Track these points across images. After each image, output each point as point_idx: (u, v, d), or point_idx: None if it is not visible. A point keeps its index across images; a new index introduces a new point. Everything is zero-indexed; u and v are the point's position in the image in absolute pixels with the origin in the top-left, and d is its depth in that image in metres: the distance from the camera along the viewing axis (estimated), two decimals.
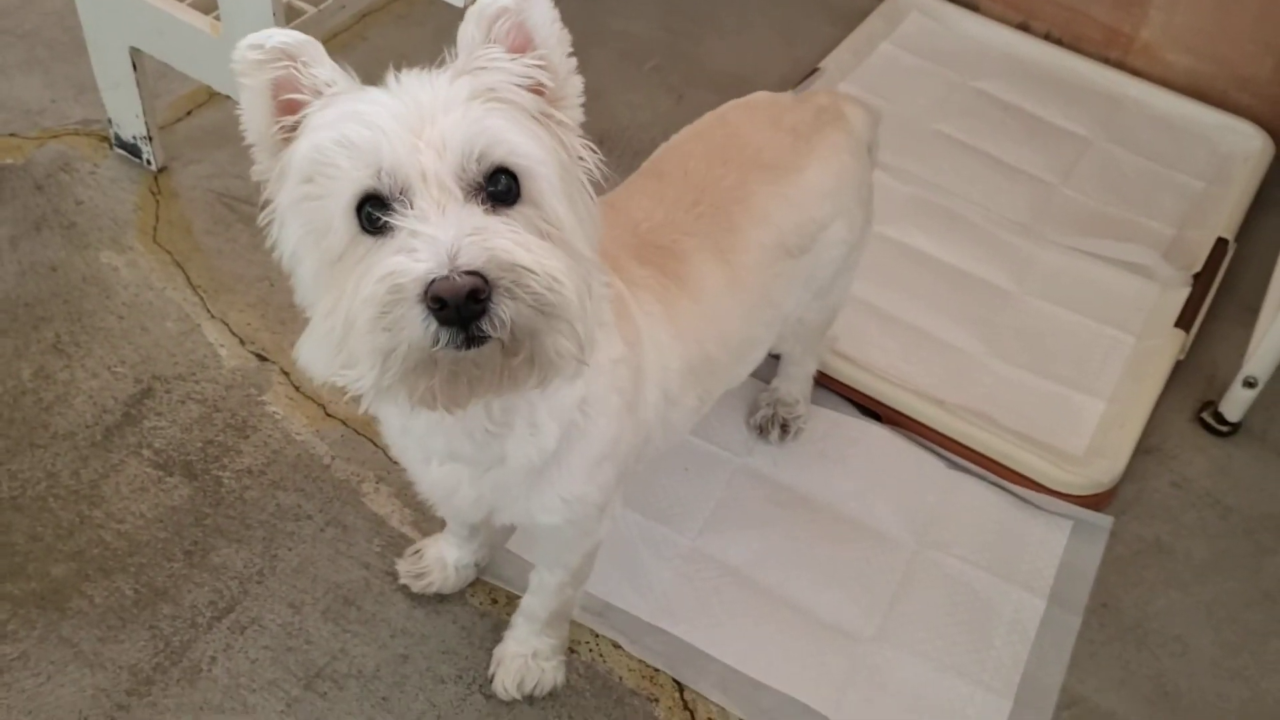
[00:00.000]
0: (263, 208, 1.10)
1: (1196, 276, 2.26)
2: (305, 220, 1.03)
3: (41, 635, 1.62)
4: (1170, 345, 2.13)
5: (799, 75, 2.60)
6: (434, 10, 2.28)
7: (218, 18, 1.92)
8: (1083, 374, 2.11)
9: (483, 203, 0.99)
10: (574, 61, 1.10)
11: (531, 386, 1.05)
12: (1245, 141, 2.60)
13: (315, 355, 1.04)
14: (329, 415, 1.92)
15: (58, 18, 2.52)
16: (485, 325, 0.94)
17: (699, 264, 1.43)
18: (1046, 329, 2.18)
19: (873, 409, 2.02)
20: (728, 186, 1.48)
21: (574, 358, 1.02)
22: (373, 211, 0.98)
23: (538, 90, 1.07)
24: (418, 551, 1.73)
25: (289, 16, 1.98)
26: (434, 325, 0.94)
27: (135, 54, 2.07)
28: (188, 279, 2.08)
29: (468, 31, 1.05)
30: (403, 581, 1.71)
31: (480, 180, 0.99)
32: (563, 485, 1.29)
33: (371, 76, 2.61)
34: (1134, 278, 2.29)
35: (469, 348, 0.96)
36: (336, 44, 2.55)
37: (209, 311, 2.04)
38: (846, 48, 2.67)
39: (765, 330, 1.58)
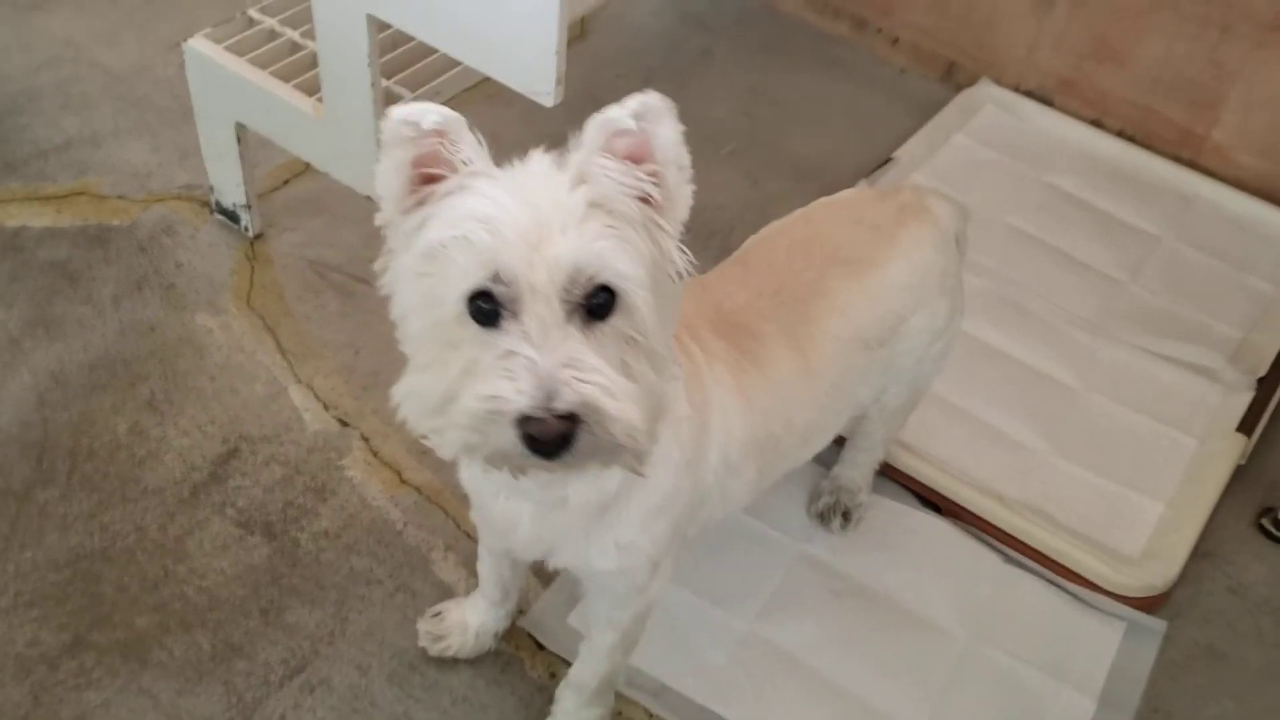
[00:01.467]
0: (384, 253, 1.19)
1: (1261, 381, 2.28)
2: (419, 291, 1.12)
3: (123, 685, 1.71)
4: (1231, 449, 2.14)
5: (873, 163, 2.66)
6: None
7: (320, 99, 2.02)
8: (1142, 474, 2.13)
9: (581, 317, 1.08)
10: (689, 173, 1.17)
11: (593, 471, 1.18)
12: None
13: (411, 406, 1.15)
14: (404, 482, 1.99)
15: (168, 86, 2.65)
16: (565, 455, 1.05)
17: (773, 347, 1.50)
18: (1108, 427, 2.21)
19: (933, 500, 2.06)
20: (808, 280, 1.56)
21: (634, 471, 1.15)
22: (483, 305, 1.08)
23: (645, 199, 1.14)
24: (439, 614, 1.79)
25: (387, 100, 2.07)
26: (522, 447, 1.05)
27: (240, 129, 2.19)
28: (277, 343, 2.18)
29: (590, 134, 1.12)
30: (421, 643, 1.77)
31: (581, 299, 1.08)
32: (619, 531, 1.36)
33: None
34: (1198, 379, 2.30)
35: (548, 462, 1.07)
36: None
37: (296, 376, 2.13)
38: (921, 139, 2.72)
39: (834, 418, 1.65)
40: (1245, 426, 2.19)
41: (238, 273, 2.29)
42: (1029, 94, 2.90)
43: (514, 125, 2.61)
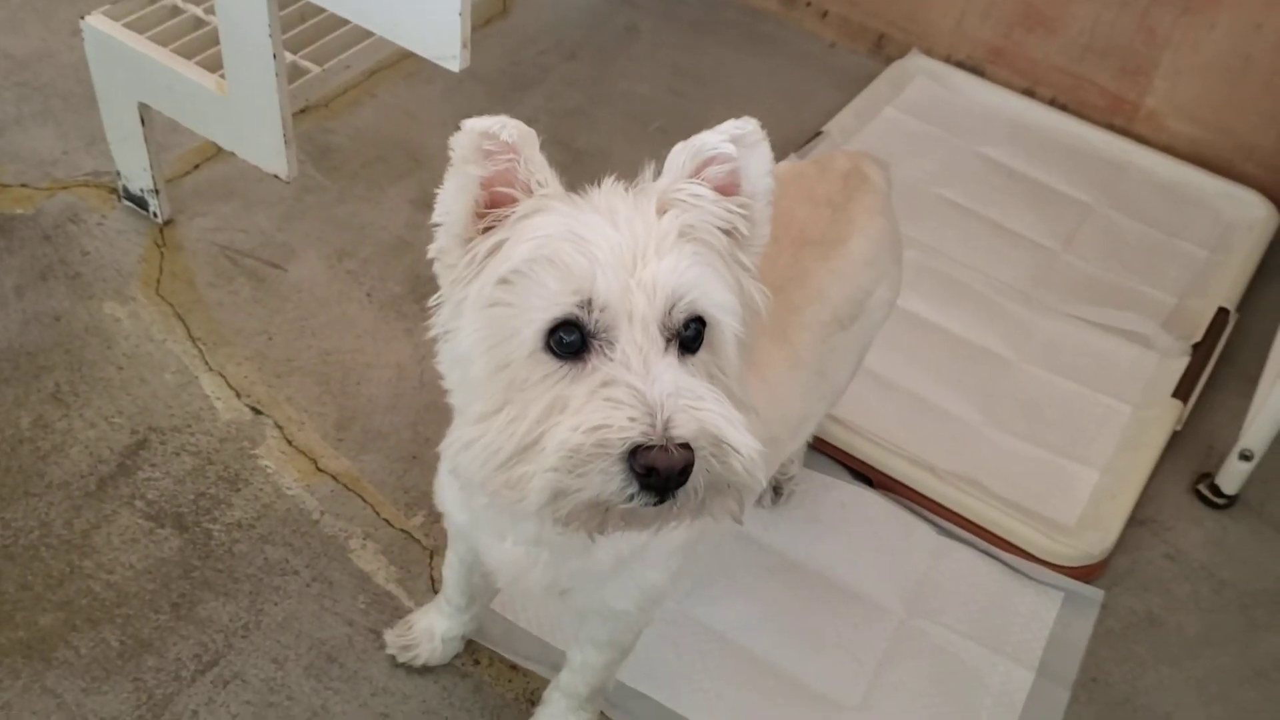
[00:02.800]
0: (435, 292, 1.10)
1: (1196, 346, 2.26)
2: (489, 322, 1.03)
3: (25, 685, 1.63)
4: (1167, 416, 2.12)
5: (803, 137, 2.62)
6: (443, 69, 2.31)
7: (223, 76, 1.95)
8: (1077, 443, 2.10)
9: (676, 349, 1.00)
10: (770, 210, 1.10)
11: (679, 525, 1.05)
12: (1249, 210, 2.60)
13: (475, 459, 1.02)
14: (320, 470, 1.93)
15: (73, 70, 2.56)
16: (681, 493, 0.95)
17: (764, 346, 1.44)
18: (1043, 397, 2.18)
19: (865, 474, 2.02)
20: (783, 266, 1.49)
21: (733, 518, 1.03)
22: (565, 337, 0.98)
23: (729, 231, 1.07)
24: (406, 622, 1.72)
25: (293, 75, 2.01)
26: (634, 487, 0.94)
27: (144, 109, 2.11)
28: (188, 331, 2.10)
29: (678, 160, 1.05)
30: (389, 652, 1.70)
31: (679, 328, 1.00)
32: (641, 574, 1.29)
33: (380, 132, 2.65)
34: (1133, 346, 2.28)
35: (658, 504, 0.96)
36: (345, 101, 2.59)
37: (207, 364, 2.06)
38: (850, 111, 2.69)
39: (821, 405, 1.61)
40: (1181, 392, 2.17)
41: (146, 260, 2.21)
42: (960, 64, 2.88)
43: (435, 103, 2.55)
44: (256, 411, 2.00)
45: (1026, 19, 2.75)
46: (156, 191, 2.22)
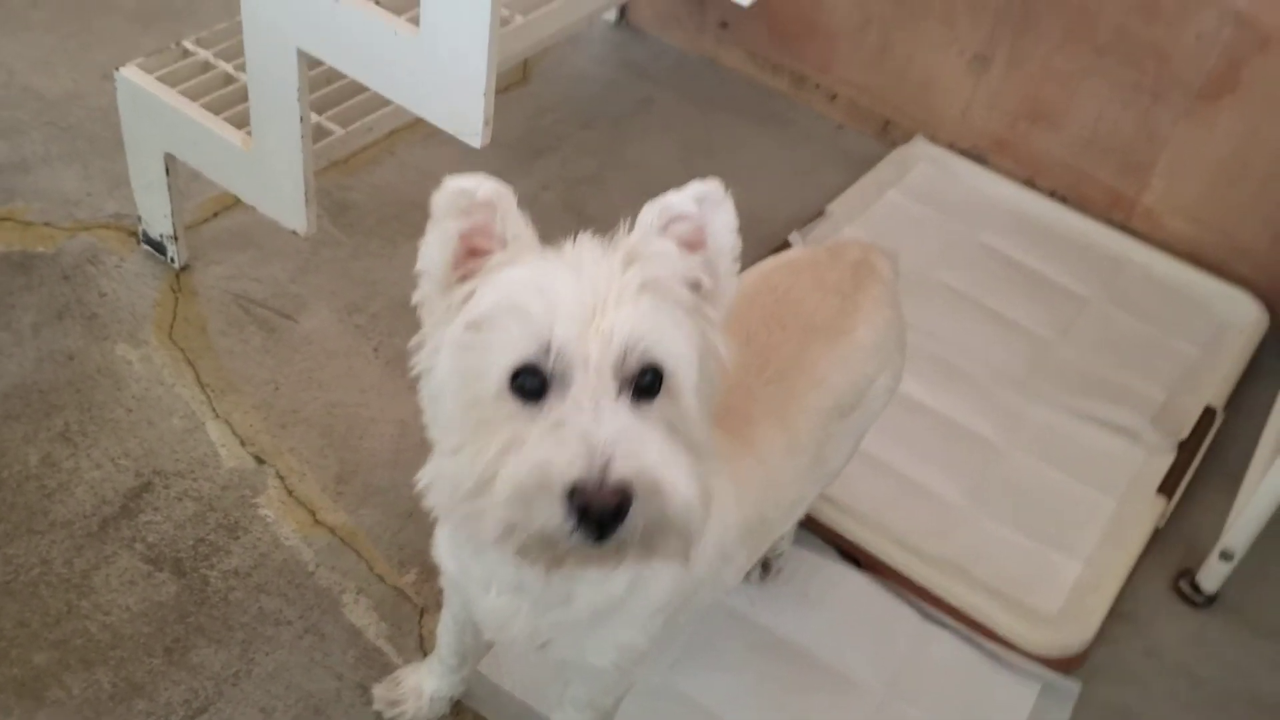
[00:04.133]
0: (418, 333, 1.17)
1: (1183, 444, 2.30)
2: (459, 363, 1.09)
3: None
4: (1151, 511, 2.16)
5: (806, 215, 2.67)
6: None
7: (249, 133, 2.01)
8: (1062, 533, 2.14)
9: (629, 395, 1.05)
10: (738, 266, 1.17)
11: (630, 566, 1.12)
12: (1241, 311, 2.65)
13: (442, 491, 1.11)
14: (318, 522, 1.96)
15: (101, 114, 2.63)
16: (618, 532, 1.00)
17: (764, 429, 1.49)
18: (1031, 485, 2.22)
19: (854, 554, 2.06)
20: (789, 354, 1.55)
21: (678, 559, 1.09)
22: (527, 381, 1.04)
23: (694, 286, 1.13)
24: (395, 679, 1.74)
25: (317, 136, 2.07)
26: (572, 523, 0.99)
27: (170, 160, 2.17)
28: (197, 377, 2.15)
29: (648, 217, 1.11)
30: (376, 708, 1.73)
31: (633, 374, 1.05)
32: (619, 631, 1.33)
33: (397, 191, 2.71)
34: (1120, 440, 2.32)
35: (596, 544, 1.01)
36: (365, 158, 2.65)
37: (214, 411, 2.10)
38: (854, 193, 2.75)
39: (813, 488, 1.65)
40: (1166, 488, 2.20)
41: (161, 304, 2.26)
42: (963, 152, 2.94)
43: (453, 164, 2.57)
44: (259, 460, 2.04)
45: (1031, 112, 2.82)
46: (175, 238, 2.27)
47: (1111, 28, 2.63)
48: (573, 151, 2.79)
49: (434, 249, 1.12)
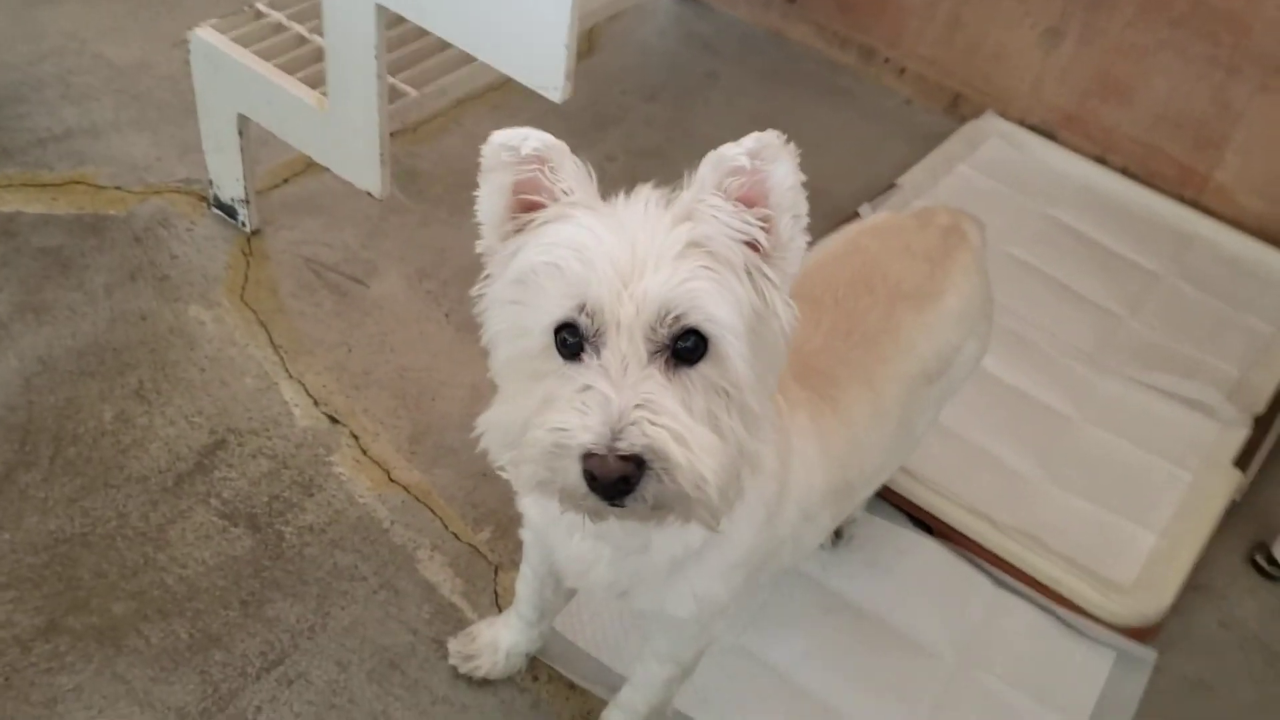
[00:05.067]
0: (482, 280, 1.17)
1: (1258, 419, 2.27)
2: (508, 318, 1.11)
3: (97, 670, 1.67)
4: (1226, 485, 2.13)
5: (875, 190, 2.66)
6: (528, 101, 2.36)
7: (324, 93, 2.01)
8: (1136, 505, 2.11)
9: (666, 360, 1.05)
10: (804, 221, 1.12)
11: (672, 525, 1.12)
12: None
13: (493, 437, 1.14)
14: (392, 480, 1.97)
15: (170, 82, 2.64)
16: (629, 500, 1.02)
17: (851, 392, 1.48)
18: (1103, 458, 2.19)
19: (925, 522, 2.04)
20: (876, 318, 1.53)
21: (709, 527, 1.09)
22: (568, 338, 1.05)
23: (753, 245, 1.10)
24: (470, 634, 1.75)
25: (391, 98, 2.07)
26: (584, 487, 1.02)
27: (243, 121, 2.18)
28: (270, 338, 2.16)
29: (703, 172, 1.09)
30: (451, 662, 1.73)
31: (668, 340, 1.05)
32: (698, 582, 1.32)
33: (464, 160, 2.70)
34: (1194, 414, 2.29)
35: (614, 506, 1.03)
36: (433, 128, 2.65)
37: (287, 371, 2.11)
38: (924, 167, 2.72)
39: (898, 456, 1.65)
40: (1241, 462, 2.17)
41: (232, 267, 2.27)
42: (1033, 128, 2.91)
43: None
44: (333, 420, 2.04)
45: (1102, 87, 2.79)
46: (247, 201, 2.28)
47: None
48: (638, 124, 2.78)
49: (486, 201, 1.13)
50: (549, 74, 1.66)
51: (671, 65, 3.02)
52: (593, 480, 1.01)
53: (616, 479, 1.00)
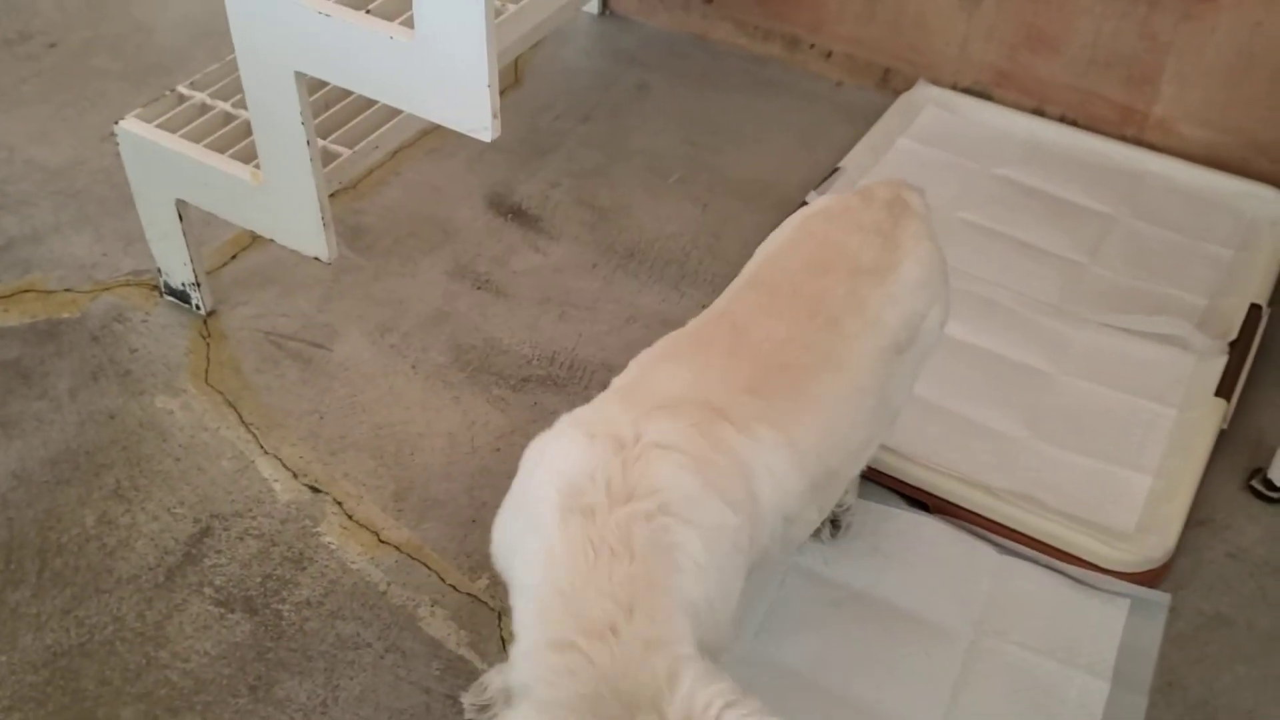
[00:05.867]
0: None
1: (1233, 344, 2.27)
2: None
3: None
4: (1212, 415, 2.13)
5: (819, 176, 2.65)
6: (464, 142, 2.36)
7: (258, 166, 2.00)
8: (1126, 450, 2.11)
9: None
10: None
11: None
12: (1270, 206, 2.61)
13: None
14: (382, 542, 1.95)
15: (105, 175, 2.63)
16: None
17: (821, 377, 1.48)
18: (1086, 407, 2.19)
19: (920, 499, 2.03)
20: (840, 296, 1.54)
21: None
22: None
23: None
24: (482, 685, 1.72)
25: (325, 161, 2.05)
26: None
27: (181, 205, 2.16)
28: (240, 417, 2.14)
29: None
30: (468, 716, 1.71)
31: None
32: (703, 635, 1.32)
33: (408, 209, 2.69)
34: (1169, 350, 2.29)
35: None
36: (372, 181, 2.63)
37: (262, 448, 2.09)
38: (864, 146, 2.72)
39: (880, 429, 1.65)
40: (1223, 390, 2.17)
41: (193, 352, 2.25)
42: (967, 90, 2.91)
43: (460, 175, 2.60)
44: (315, 490, 2.03)
45: (1029, 39, 2.79)
46: (198, 284, 2.27)
47: None
48: (576, 146, 2.77)
49: None
50: (475, 117, 1.66)
51: (601, 83, 3.01)
52: None
53: None
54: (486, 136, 1.68)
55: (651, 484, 1.27)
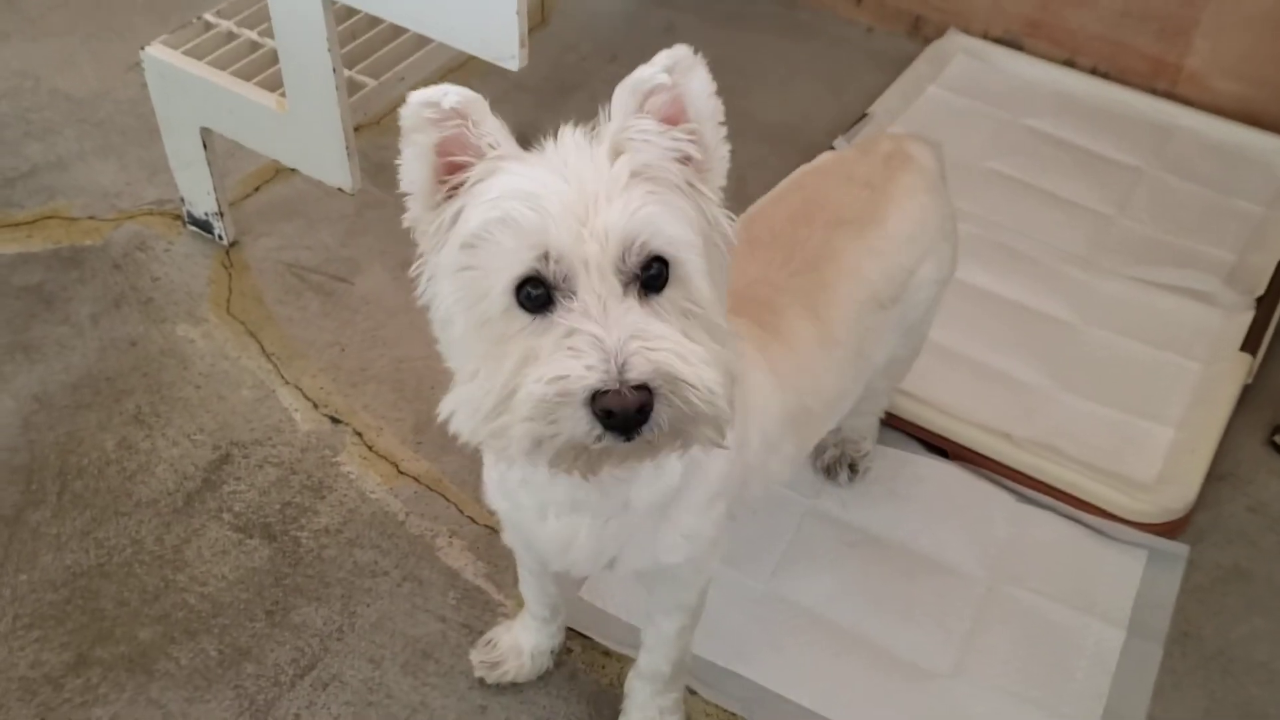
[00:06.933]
0: (417, 258, 1.13)
1: (1260, 300, 2.25)
2: (461, 286, 1.06)
3: (131, 698, 1.67)
4: (1237, 370, 2.11)
5: (847, 122, 2.63)
6: (488, 79, 2.34)
7: (283, 95, 1.99)
8: (1149, 402, 2.10)
9: (638, 292, 1.03)
10: (724, 130, 1.12)
11: (668, 456, 1.10)
12: None
13: (463, 418, 1.08)
14: (401, 473, 1.96)
15: (130, 105, 2.62)
16: (645, 430, 0.99)
17: (793, 319, 1.46)
18: (1110, 359, 2.18)
19: (940, 445, 2.03)
20: (815, 245, 1.51)
21: (714, 443, 1.07)
22: (532, 291, 1.02)
23: (685, 160, 1.09)
24: (490, 641, 1.71)
25: (350, 91, 2.04)
26: (599, 429, 0.99)
27: (206, 134, 2.15)
28: (261, 347, 2.14)
29: (621, 98, 1.07)
30: (477, 674, 1.70)
31: (637, 270, 1.03)
32: (683, 522, 1.31)
33: None
34: (1196, 304, 2.27)
35: (627, 442, 1.00)
36: (396, 117, 2.61)
37: (283, 378, 2.09)
38: (894, 92, 2.70)
39: (856, 383, 1.61)
40: (1249, 346, 2.16)
41: (215, 281, 2.25)
42: (998, 40, 2.88)
43: None
44: (335, 420, 2.03)
45: None
46: (221, 214, 2.26)
47: None
48: (601, 86, 2.72)
49: (411, 167, 1.08)
50: (503, 44, 1.64)
51: (628, 24, 2.99)
52: (608, 417, 0.97)
53: (634, 410, 0.97)
54: (514, 65, 1.66)
55: None
